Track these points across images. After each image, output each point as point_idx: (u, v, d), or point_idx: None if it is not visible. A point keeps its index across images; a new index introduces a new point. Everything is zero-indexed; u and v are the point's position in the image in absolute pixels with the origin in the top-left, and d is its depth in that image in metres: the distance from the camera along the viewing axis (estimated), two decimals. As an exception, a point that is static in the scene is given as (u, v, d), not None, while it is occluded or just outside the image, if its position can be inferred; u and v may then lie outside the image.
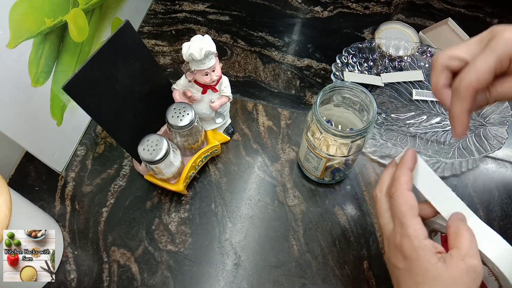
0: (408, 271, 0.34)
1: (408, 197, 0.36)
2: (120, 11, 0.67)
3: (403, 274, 0.35)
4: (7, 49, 0.47)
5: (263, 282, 0.51)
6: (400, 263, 0.35)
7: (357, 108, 0.50)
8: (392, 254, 0.36)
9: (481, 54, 0.34)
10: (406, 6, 0.75)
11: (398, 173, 0.38)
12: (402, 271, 0.35)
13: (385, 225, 0.38)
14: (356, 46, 0.67)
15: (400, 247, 0.35)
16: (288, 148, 0.61)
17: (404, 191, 0.36)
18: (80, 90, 0.44)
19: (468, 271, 0.32)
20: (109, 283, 0.51)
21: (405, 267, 0.35)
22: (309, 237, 0.54)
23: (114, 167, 0.60)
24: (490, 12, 0.74)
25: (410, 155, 0.39)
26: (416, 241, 0.34)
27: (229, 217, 0.55)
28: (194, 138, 0.54)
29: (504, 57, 0.33)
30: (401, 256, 0.35)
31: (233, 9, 0.76)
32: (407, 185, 0.37)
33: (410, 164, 0.38)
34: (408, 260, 0.34)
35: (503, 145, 0.56)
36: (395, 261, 0.36)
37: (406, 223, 0.35)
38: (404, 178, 0.37)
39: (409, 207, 0.36)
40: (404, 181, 0.37)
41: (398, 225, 0.36)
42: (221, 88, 0.54)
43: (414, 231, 0.34)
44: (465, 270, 0.32)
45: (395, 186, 0.37)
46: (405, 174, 0.38)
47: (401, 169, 0.38)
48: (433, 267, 0.33)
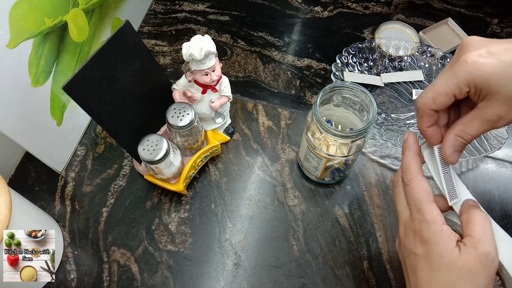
0: (425, 257, 0.34)
1: (424, 184, 0.36)
2: (120, 11, 0.67)
3: (420, 260, 0.34)
4: (7, 49, 0.47)
5: (263, 282, 0.51)
6: (418, 248, 0.35)
7: (357, 108, 0.50)
8: (409, 239, 0.36)
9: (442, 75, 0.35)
10: (406, 6, 0.75)
11: (407, 160, 0.38)
12: (419, 256, 0.35)
13: (401, 210, 0.38)
14: (356, 46, 0.67)
15: (419, 233, 0.35)
16: (288, 148, 0.61)
17: (419, 177, 0.36)
18: (80, 90, 0.44)
19: (480, 259, 0.32)
20: (109, 283, 0.51)
21: (423, 252, 0.34)
22: (309, 237, 0.54)
23: (114, 167, 0.60)
24: (490, 12, 0.74)
25: (412, 139, 0.38)
26: (434, 226, 0.34)
27: (229, 217, 0.55)
28: (194, 138, 0.54)
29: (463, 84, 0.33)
30: (420, 241, 0.34)
31: (233, 9, 0.76)
32: (420, 171, 0.37)
33: (415, 149, 0.38)
34: (426, 245, 0.34)
35: (503, 145, 0.56)
36: (412, 246, 0.35)
37: (423, 209, 0.35)
38: (415, 165, 0.37)
39: (425, 193, 0.35)
40: (416, 168, 0.37)
41: (416, 212, 0.35)
42: (221, 88, 0.54)
43: (432, 216, 0.34)
44: (478, 258, 0.32)
45: (409, 174, 0.37)
46: (415, 160, 0.37)
47: (409, 155, 0.38)
48: (449, 253, 0.33)
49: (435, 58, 0.66)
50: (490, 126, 0.35)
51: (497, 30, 0.72)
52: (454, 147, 0.37)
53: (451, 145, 0.37)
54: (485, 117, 0.34)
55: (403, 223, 0.37)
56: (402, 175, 0.38)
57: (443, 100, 0.35)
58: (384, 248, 0.53)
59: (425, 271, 0.34)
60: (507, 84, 0.32)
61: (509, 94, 0.32)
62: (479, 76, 0.32)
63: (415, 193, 0.36)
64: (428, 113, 0.37)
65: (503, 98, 0.32)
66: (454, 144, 0.37)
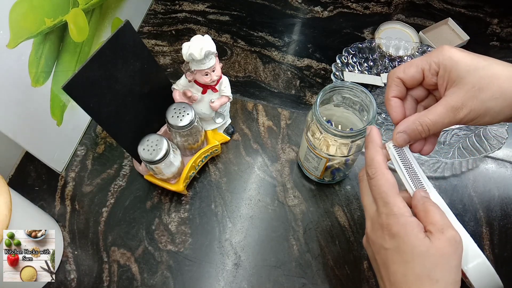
0: (396, 250, 0.34)
1: (388, 176, 0.36)
2: (120, 11, 0.67)
3: (391, 254, 0.34)
4: (7, 49, 0.46)
5: (263, 282, 0.51)
6: (388, 242, 0.34)
7: (357, 108, 0.50)
8: (378, 234, 0.36)
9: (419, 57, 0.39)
10: (406, 6, 0.75)
11: (371, 153, 0.38)
12: (390, 251, 0.34)
13: (367, 205, 0.38)
14: (356, 46, 0.67)
15: (387, 227, 0.34)
16: (288, 148, 0.61)
17: (383, 170, 0.36)
18: (80, 90, 0.44)
19: (449, 242, 0.32)
20: (109, 283, 0.51)
21: (393, 246, 0.34)
22: (309, 237, 0.54)
23: (114, 167, 0.60)
24: (490, 12, 0.74)
25: (374, 132, 0.39)
26: (402, 219, 0.34)
27: (229, 217, 0.55)
28: (194, 138, 0.54)
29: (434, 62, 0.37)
30: (389, 235, 0.34)
31: (233, 9, 0.76)
32: (384, 164, 0.37)
33: (378, 142, 0.38)
34: (396, 238, 0.34)
35: (503, 145, 0.56)
36: (381, 241, 0.35)
37: (390, 202, 0.35)
38: (378, 157, 0.37)
39: (391, 186, 0.35)
40: (379, 161, 0.37)
41: (382, 205, 0.35)
42: (221, 88, 0.54)
43: (400, 208, 0.34)
44: (448, 241, 0.32)
45: (373, 167, 0.37)
46: (378, 152, 0.37)
47: (372, 148, 0.38)
48: (421, 243, 0.33)
49: (435, 58, 0.66)
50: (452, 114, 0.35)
51: (497, 30, 0.72)
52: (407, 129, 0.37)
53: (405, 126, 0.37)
54: (449, 102, 0.35)
55: (370, 218, 0.37)
56: (367, 169, 0.38)
57: (412, 70, 0.37)
58: (384, 248, 0.53)
59: (399, 264, 0.34)
60: (475, 71, 0.34)
61: (475, 82, 0.34)
62: (450, 58, 0.35)
63: (380, 186, 0.36)
64: (396, 81, 0.38)
65: (469, 84, 0.34)
66: (409, 126, 0.37)
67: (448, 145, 0.58)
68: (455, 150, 0.57)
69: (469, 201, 0.56)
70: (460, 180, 0.58)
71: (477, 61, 0.35)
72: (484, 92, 0.34)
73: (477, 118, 0.35)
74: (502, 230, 0.54)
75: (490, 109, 0.35)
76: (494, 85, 0.34)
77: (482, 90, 0.34)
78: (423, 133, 0.37)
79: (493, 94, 0.34)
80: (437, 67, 0.37)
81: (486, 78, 0.34)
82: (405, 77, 0.38)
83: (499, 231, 0.54)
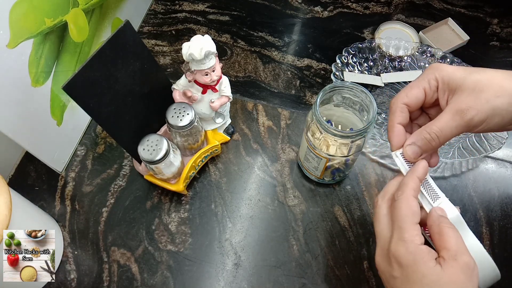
0: (405, 279, 0.33)
1: (412, 203, 0.35)
2: (120, 11, 0.67)
3: (400, 283, 0.34)
4: (7, 49, 0.47)
5: (263, 282, 0.51)
6: (396, 271, 0.34)
7: (357, 108, 0.50)
8: (386, 263, 0.35)
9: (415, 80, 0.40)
10: (406, 6, 0.75)
11: (407, 179, 0.37)
12: (398, 279, 0.34)
13: (381, 231, 0.37)
14: (356, 46, 0.67)
15: (395, 254, 0.34)
16: (288, 148, 0.61)
17: (410, 197, 0.35)
18: (80, 90, 0.44)
19: (463, 269, 0.32)
20: (109, 283, 0.51)
21: (401, 275, 0.33)
22: (309, 237, 0.54)
23: (114, 167, 0.60)
24: (490, 12, 0.74)
25: (423, 166, 0.38)
26: (411, 246, 0.33)
27: (229, 217, 0.55)
28: (194, 138, 0.54)
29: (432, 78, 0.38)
30: (397, 264, 0.34)
31: (233, 9, 0.76)
32: (414, 192, 0.36)
33: (420, 174, 0.37)
34: (404, 267, 0.33)
35: (503, 145, 0.56)
36: (390, 270, 0.35)
37: (404, 227, 0.34)
38: (412, 184, 0.36)
39: (411, 213, 0.35)
40: (412, 187, 0.36)
41: (396, 229, 0.35)
42: (221, 88, 0.54)
43: (411, 236, 0.33)
44: (460, 269, 0.32)
45: (402, 190, 0.36)
46: (414, 181, 0.37)
47: (411, 176, 0.37)
48: (431, 271, 0.32)
49: (435, 58, 0.66)
50: (459, 117, 0.35)
51: (497, 30, 0.72)
52: (416, 140, 0.38)
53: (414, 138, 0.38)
54: (452, 107, 0.36)
55: (380, 246, 0.37)
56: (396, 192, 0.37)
57: (414, 92, 0.38)
58: (384, 248, 0.53)
59: None
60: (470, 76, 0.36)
61: (474, 85, 0.35)
62: (445, 71, 0.37)
63: (401, 209, 0.35)
64: (400, 107, 0.39)
65: (469, 88, 0.35)
66: (418, 137, 0.37)
67: (448, 145, 0.58)
68: (455, 150, 0.57)
69: (469, 201, 0.56)
70: (460, 180, 0.58)
71: (470, 70, 0.37)
72: (485, 92, 0.35)
73: (487, 120, 0.35)
74: (502, 230, 0.54)
75: (496, 108, 0.35)
76: (494, 84, 0.35)
77: (482, 90, 0.35)
78: (432, 141, 0.37)
79: (495, 93, 0.34)
80: (436, 82, 0.38)
81: (483, 80, 0.35)
82: (409, 100, 0.38)
83: (499, 231, 0.54)
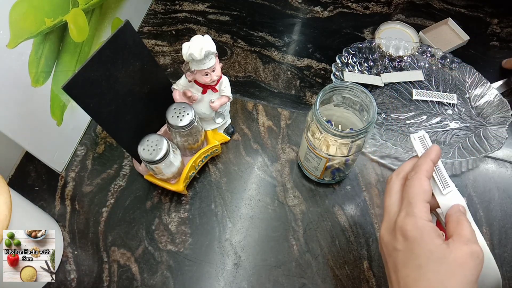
0: (408, 253, 0.33)
1: (425, 183, 0.36)
2: (120, 11, 0.67)
3: (402, 256, 0.34)
4: (7, 49, 0.46)
5: (263, 282, 0.51)
6: (400, 244, 0.34)
7: (357, 108, 0.50)
8: (391, 236, 0.35)
9: None
10: (406, 6, 0.75)
11: (421, 161, 0.38)
12: (401, 253, 0.34)
13: (389, 206, 0.37)
14: (356, 46, 0.67)
15: (401, 227, 0.34)
16: (288, 148, 0.61)
17: (423, 176, 0.36)
18: (80, 90, 0.44)
19: (472, 255, 0.32)
20: (109, 283, 0.51)
21: (405, 248, 0.34)
22: (309, 237, 0.54)
23: (114, 167, 0.60)
24: (490, 12, 0.74)
25: (436, 149, 0.39)
26: (420, 221, 0.33)
27: (229, 217, 0.55)
28: (194, 138, 0.54)
29: None
30: (402, 237, 0.34)
31: (233, 9, 0.76)
32: (427, 173, 0.37)
33: (434, 157, 0.38)
34: (409, 241, 0.33)
35: (503, 145, 0.56)
36: (394, 243, 0.35)
37: (414, 203, 0.34)
38: (426, 166, 0.37)
39: (422, 191, 0.35)
40: (425, 169, 0.37)
41: (405, 204, 0.35)
42: (221, 88, 0.54)
43: (420, 212, 0.34)
44: (469, 254, 0.32)
45: (415, 170, 0.37)
46: (428, 163, 0.37)
47: (425, 158, 0.38)
48: (438, 249, 0.32)
49: (435, 58, 0.66)
50: None
51: (497, 30, 0.72)
52: None
53: None
54: None
55: (386, 220, 0.37)
56: (410, 172, 0.38)
57: None
58: (384, 248, 0.53)
59: (411, 269, 0.33)
60: None
61: None
62: None
63: (414, 187, 0.36)
64: None
65: None
66: None
67: (448, 145, 0.58)
68: (455, 150, 0.57)
69: (469, 201, 0.56)
70: (460, 180, 0.58)
71: None
72: None
73: None
74: (502, 230, 0.54)
75: None
76: None
77: None
78: None
79: None
80: None
81: None
82: None
83: (499, 231, 0.54)
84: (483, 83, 0.62)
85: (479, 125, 0.60)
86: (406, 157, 0.58)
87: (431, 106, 0.62)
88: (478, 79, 0.63)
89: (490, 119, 0.60)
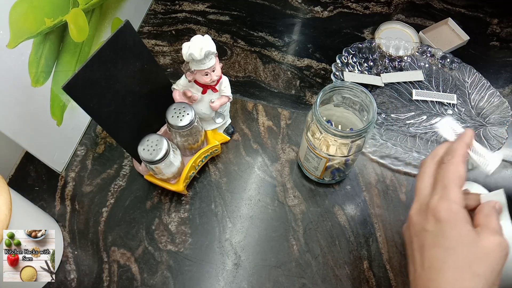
0: (439, 234, 0.33)
1: (461, 168, 0.35)
2: (120, 11, 0.67)
3: (431, 237, 0.34)
4: (7, 49, 0.47)
5: (263, 282, 0.51)
6: (431, 225, 0.34)
7: (357, 108, 0.50)
8: (422, 216, 0.35)
9: None
10: (406, 6, 0.75)
11: (457, 145, 0.37)
12: (430, 233, 0.34)
13: (421, 188, 0.37)
14: (356, 46, 0.67)
15: (434, 209, 0.34)
16: (288, 148, 0.61)
17: (459, 161, 0.36)
18: (80, 90, 0.44)
19: (500, 245, 0.32)
20: (109, 283, 0.51)
21: (436, 229, 0.34)
22: (309, 237, 0.54)
23: (114, 167, 0.60)
24: (490, 12, 0.74)
25: (470, 134, 0.38)
26: (454, 206, 0.33)
27: (229, 217, 0.55)
28: (194, 138, 0.54)
29: None
30: (434, 218, 0.34)
31: (233, 9, 0.76)
32: (463, 158, 0.36)
33: (468, 141, 0.38)
34: (441, 223, 0.33)
35: (503, 145, 0.56)
36: (424, 223, 0.35)
37: (450, 187, 0.34)
38: (462, 151, 0.37)
39: (458, 176, 0.35)
40: (461, 154, 0.36)
41: (440, 188, 0.35)
42: (221, 88, 0.54)
43: (455, 197, 0.34)
44: (498, 243, 0.32)
45: (452, 154, 0.36)
46: (463, 147, 0.37)
47: (460, 143, 0.37)
48: (469, 233, 0.32)
49: (435, 58, 0.66)
50: None
51: (497, 30, 0.72)
52: None
53: None
54: None
55: (418, 201, 0.37)
56: (444, 155, 0.37)
57: None
58: (384, 248, 0.53)
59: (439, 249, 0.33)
60: None
61: None
62: None
63: (449, 172, 0.35)
64: None
65: None
66: None
67: (448, 145, 0.58)
68: (455, 150, 0.57)
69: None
70: (460, 180, 0.57)
71: None
72: None
73: None
74: (502, 230, 0.54)
75: None
76: None
77: None
78: None
79: None
80: None
81: None
82: None
83: (499, 231, 0.53)
84: (483, 83, 0.62)
85: (479, 125, 0.60)
86: (406, 157, 0.58)
87: (431, 106, 0.63)
88: (478, 79, 0.63)
89: (490, 119, 0.60)
